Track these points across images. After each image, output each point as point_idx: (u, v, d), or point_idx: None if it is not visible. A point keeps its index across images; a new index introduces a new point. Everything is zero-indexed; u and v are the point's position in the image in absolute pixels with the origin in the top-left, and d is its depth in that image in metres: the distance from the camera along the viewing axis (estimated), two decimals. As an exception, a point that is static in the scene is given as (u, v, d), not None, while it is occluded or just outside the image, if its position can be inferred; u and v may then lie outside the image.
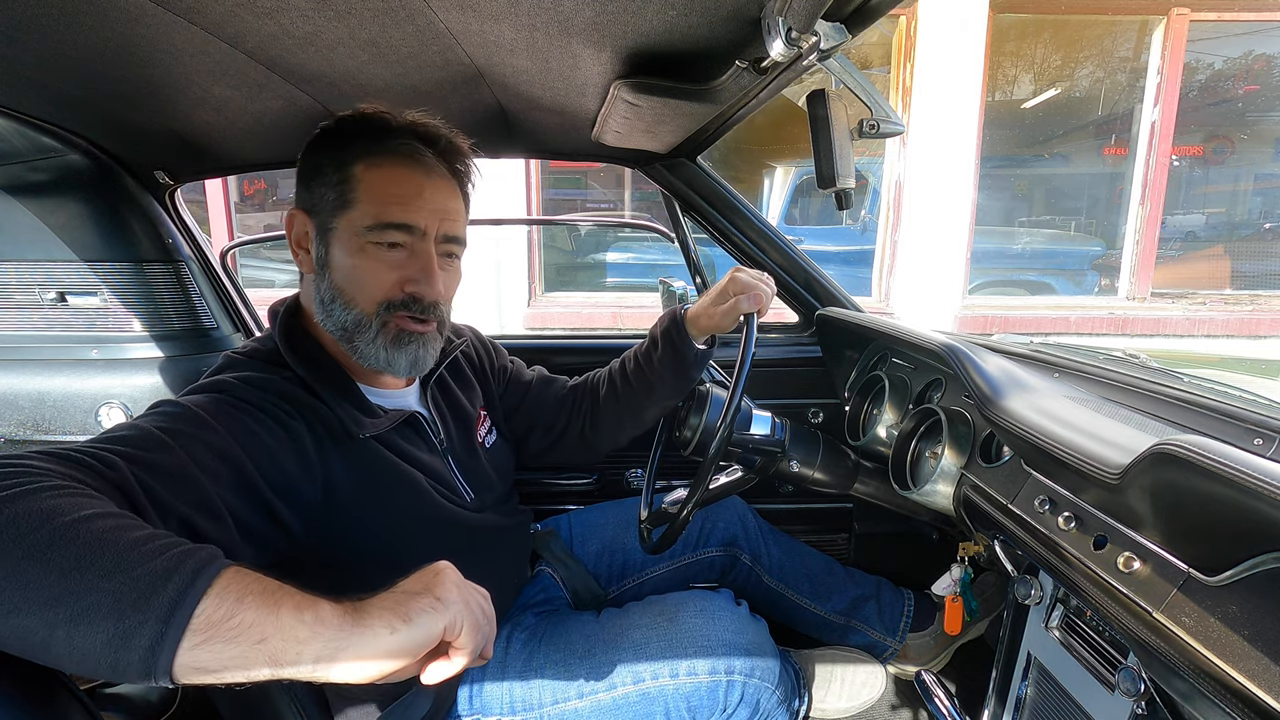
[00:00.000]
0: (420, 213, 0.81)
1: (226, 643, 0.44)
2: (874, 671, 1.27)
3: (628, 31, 0.79)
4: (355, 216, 0.80)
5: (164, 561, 0.46)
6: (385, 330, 0.82)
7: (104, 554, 0.46)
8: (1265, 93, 6.46)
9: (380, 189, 0.80)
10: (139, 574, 0.45)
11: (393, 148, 0.82)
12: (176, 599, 0.44)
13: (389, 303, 0.82)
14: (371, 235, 0.80)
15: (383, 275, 0.81)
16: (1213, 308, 6.05)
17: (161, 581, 0.45)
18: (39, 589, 0.44)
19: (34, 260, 1.44)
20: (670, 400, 1.16)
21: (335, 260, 0.82)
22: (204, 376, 0.80)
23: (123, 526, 0.49)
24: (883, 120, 0.80)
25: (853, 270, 6.19)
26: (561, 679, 0.88)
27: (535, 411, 1.17)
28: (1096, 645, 0.76)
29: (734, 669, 0.88)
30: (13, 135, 1.27)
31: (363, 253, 0.81)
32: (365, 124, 0.83)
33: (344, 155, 0.81)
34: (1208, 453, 0.50)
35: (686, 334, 1.09)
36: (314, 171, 0.83)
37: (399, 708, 0.88)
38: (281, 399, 0.77)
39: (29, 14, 0.75)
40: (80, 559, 0.45)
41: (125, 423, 0.66)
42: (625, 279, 6.63)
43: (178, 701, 1.09)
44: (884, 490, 1.20)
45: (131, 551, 0.46)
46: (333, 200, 0.81)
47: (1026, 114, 6.54)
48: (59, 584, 0.44)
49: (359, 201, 0.80)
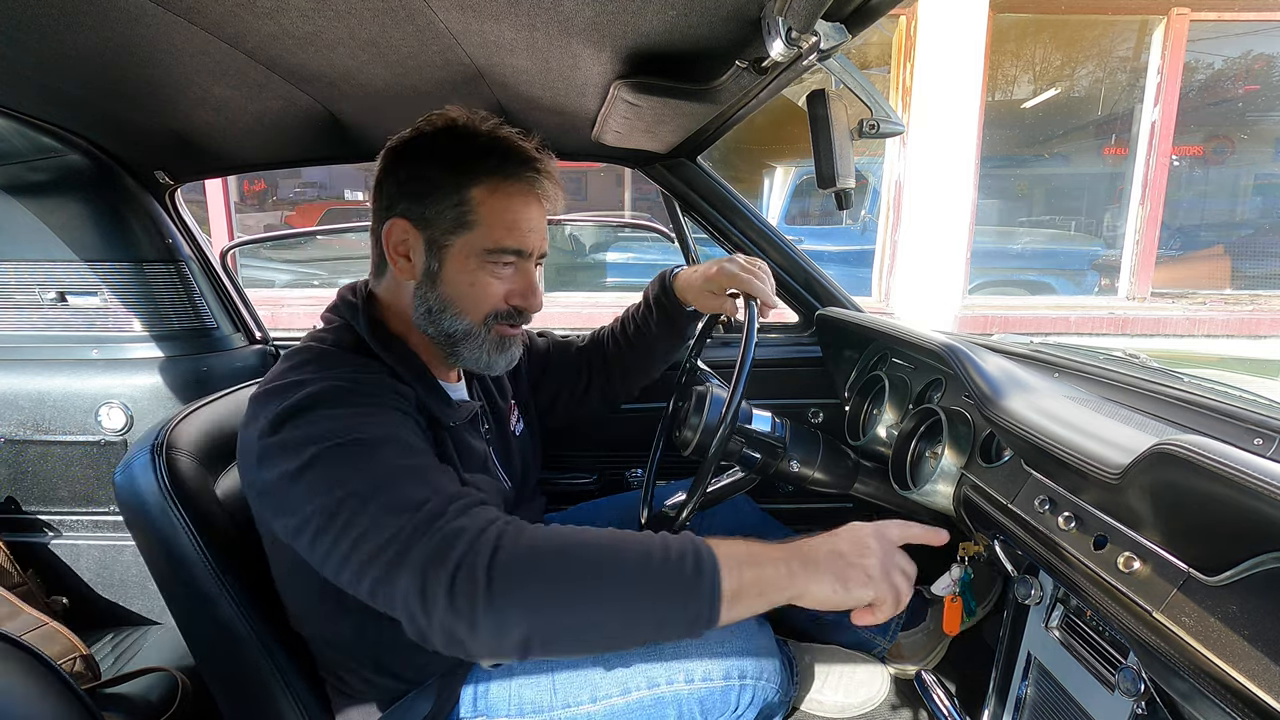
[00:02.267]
0: (531, 238, 0.88)
1: (740, 603, 0.66)
2: (874, 671, 1.27)
3: (628, 31, 0.79)
4: (474, 239, 0.85)
5: (685, 574, 0.64)
6: (491, 337, 0.90)
7: (645, 580, 0.64)
8: (1265, 93, 6.46)
9: (501, 217, 0.85)
10: (682, 587, 0.64)
11: (515, 175, 0.85)
12: (711, 606, 0.64)
13: (496, 313, 0.89)
14: (489, 257, 0.86)
15: (495, 291, 0.88)
16: (1213, 308, 6.05)
17: (695, 588, 0.64)
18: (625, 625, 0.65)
19: (34, 260, 1.44)
20: (671, 353, 1.28)
21: (448, 275, 0.86)
22: (288, 370, 0.80)
23: (618, 546, 0.66)
24: (883, 120, 0.80)
25: (853, 270, 6.19)
26: (574, 682, 0.88)
27: (559, 377, 1.25)
28: (1096, 645, 0.76)
29: (745, 672, 0.89)
30: (13, 135, 1.27)
31: (480, 271, 0.86)
32: (471, 140, 0.85)
33: (463, 177, 0.84)
34: (1208, 452, 0.50)
35: (676, 299, 1.20)
36: (426, 187, 0.84)
37: (400, 708, 0.88)
38: (397, 395, 0.82)
39: (29, 14, 0.75)
40: (636, 595, 0.64)
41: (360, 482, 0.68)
42: (625, 279, 6.63)
43: (178, 701, 1.09)
44: (884, 490, 1.20)
45: (661, 571, 0.65)
46: (451, 219, 0.84)
47: (1026, 114, 6.54)
48: (641, 614, 0.65)
49: (478, 225, 0.84)
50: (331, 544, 0.67)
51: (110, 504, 1.50)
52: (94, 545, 1.51)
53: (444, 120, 0.87)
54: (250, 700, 0.89)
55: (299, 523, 0.69)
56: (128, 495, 0.85)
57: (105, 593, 1.53)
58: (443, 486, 0.71)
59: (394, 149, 0.88)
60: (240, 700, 0.91)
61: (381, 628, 0.85)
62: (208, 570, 0.84)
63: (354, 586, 0.68)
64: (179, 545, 0.84)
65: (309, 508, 0.68)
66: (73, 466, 1.48)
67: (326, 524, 0.67)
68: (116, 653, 1.32)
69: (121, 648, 1.34)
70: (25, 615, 1.17)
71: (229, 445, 0.99)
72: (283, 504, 0.72)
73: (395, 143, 0.88)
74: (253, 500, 0.80)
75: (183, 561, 0.84)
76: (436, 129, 0.86)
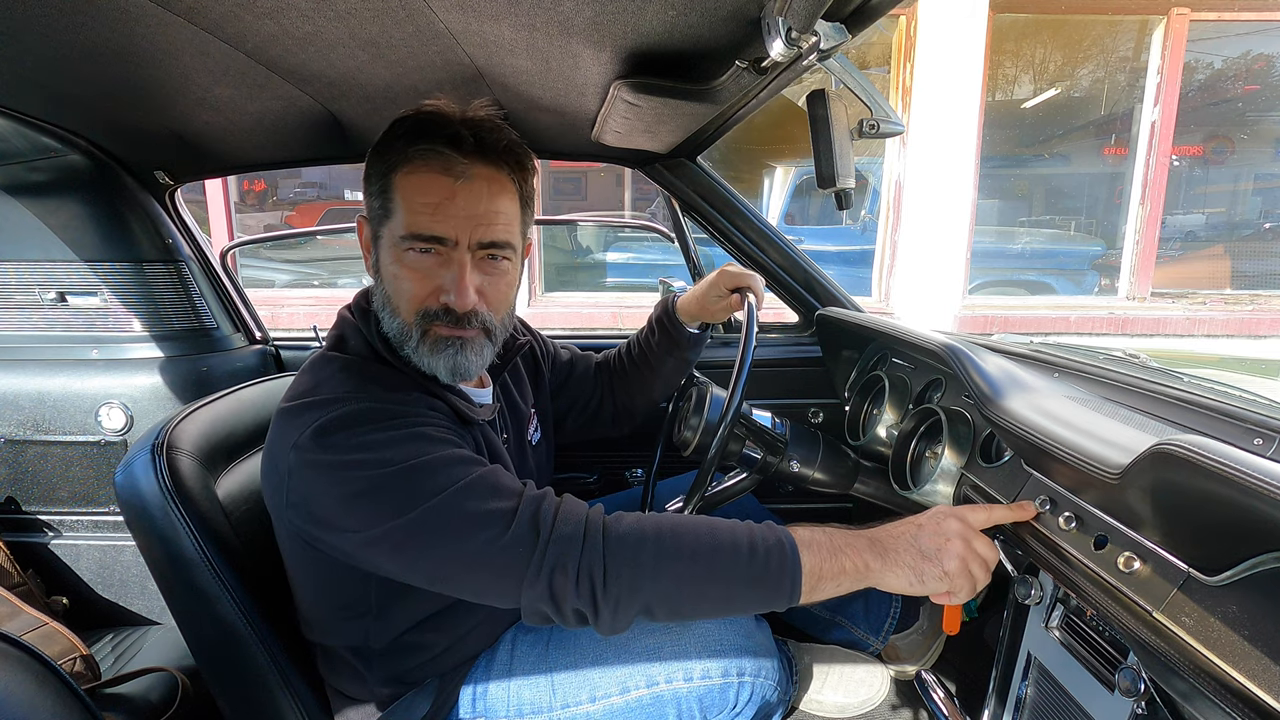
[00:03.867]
0: (448, 222, 0.78)
1: (819, 591, 0.73)
2: (873, 670, 1.27)
3: (628, 31, 0.79)
4: (394, 226, 0.80)
5: (771, 561, 0.73)
6: (425, 338, 0.81)
7: (735, 571, 0.72)
8: (1265, 93, 6.46)
9: (410, 198, 0.78)
10: (767, 579, 0.72)
11: (421, 153, 0.77)
12: (792, 585, 0.72)
13: (425, 311, 0.81)
14: (405, 245, 0.79)
15: (417, 284, 0.80)
16: (1213, 308, 6.05)
17: (779, 581, 0.72)
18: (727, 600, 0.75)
19: (34, 260, 1.45)
20: (675, 374, 1.26)
21: (383, 269, 0.82)
22: (318, 385, 0.79)
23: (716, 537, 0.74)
24: (883, 120, 0.80)
25: (853, 270, 6.20)
26: (572, 682, 0.88)
27: (575, 391, 1.25)
28: (1096, 645, 0.76)
29: (744, 670, 0.89)
30: (13, 135, 1.27)
31: (401, 262, 0.80)
32: (403, 128, 0.80)
33: (384, 163, 0.80)
34: (1208, 452, 0.50)
35: (678, 319, 1.20)
36: (366, 179, 0.83)
37: (399, 708, 0.88)
38: (432, 411, 0.81)
39: (29, 14, 0.75)
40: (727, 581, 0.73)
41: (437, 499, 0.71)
42: (625, 279, 6.63)
43: (178, 701, 1.09)
44: (884, 490, 1.20)
45: (749, 564, 0.72)
46: (378, 209, 0.81)
47: (1026, 114, 6.54)
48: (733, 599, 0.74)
49: (395, 211, 0.79)
50: (416, 560, 0.72)
51: (110, 504, 1.50)
52: (94, 545, 1.51)
53: (404, 112, 0.82)
54: (250, 700, 0.89)
55: (366, 539, 0.72)
56: (128, 495, 0.85)
57: (105, 593, 1.53)
58: (515, 488, 0.76)
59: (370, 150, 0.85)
60: (240, 700, 0.91)
61: (389, 631, 0.85)
62: (208, 570, 0.84)
63: (453, 592, 0.75)
64: (179, 545, 0.84)
65: (379, 528, 0.71)
66: (73, 466, 1.48)
67: (405, 542, 0.71)
68: (116, 653, 1.32)
69: (121, 648, 1.34)
70: (25, 615, 1.17)
71: (229, 445, 0.99)
72: (336, 523, 0.73)
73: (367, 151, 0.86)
74: (280, 512, 0.78)
75: (183, 561, 0.84)
76: (393, 122, 0.82)
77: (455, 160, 0.77)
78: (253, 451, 1.04)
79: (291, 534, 0.80)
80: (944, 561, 0.73)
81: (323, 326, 1.72)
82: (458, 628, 0.90)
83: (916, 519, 0.77)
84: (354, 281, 6.79)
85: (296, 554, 0.84)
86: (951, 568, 0.73)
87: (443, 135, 0.78)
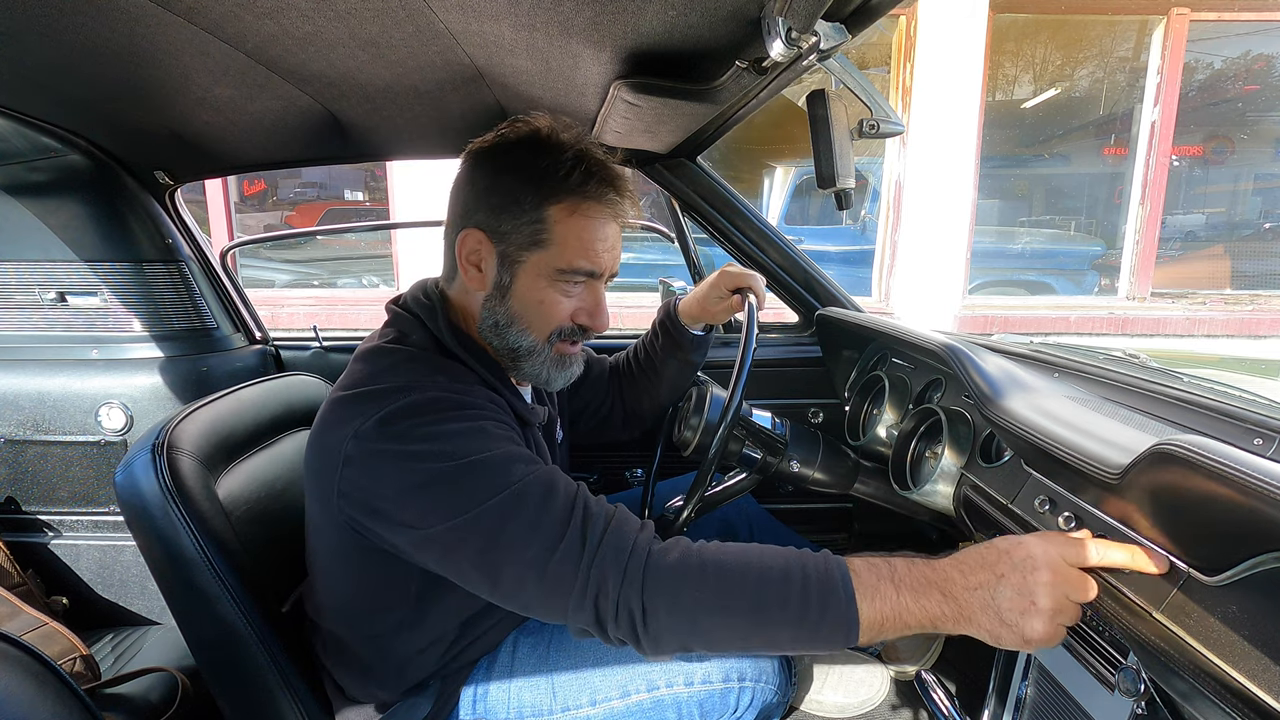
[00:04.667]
0: (605, 259, 0.86)
1: (882, 633, 0.66)
2: (873, 671, 1.27)
3: (628, 31, 0.79)
4: (548, 257, 0.83)
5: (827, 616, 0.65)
6: (553, 354, 0.89)
7: (786, 619, 0.66)
8: (1265, 93, 6.46)
9: (577, 237, 0.83)
10: (822, 630, 0.66)
11: (595, 196, 0.83)
12: (846, 637, 0.65)
13: (560, 330, 0.87)
14: (561, 277, 0.84)
15: (562, 309, 0.86)
16: (1213, 308, 6.05)
17: (831, 629, 0.65)
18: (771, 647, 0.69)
19: (34, 260, 1.45)
20: (680, 378, 1.26)
21: (519, 290, 0.85)
22: (378, 374, 0.80)
23: (764, 582, 0.68)
24: (883, 120, 0.80)
25: (853, 270, 6.19)
26: (573, 685, 0.88)
27: (590, 394, 1.26)
28: (1096, 645, 0.75)
29: (744, 674, 0.89)
30: (13, 135, 1.27)
31: (551, 288, 0.85)
32: (560, 158, 0.82)
33: (543, 194, 0.81)
34: (1208, 452, 0.50)
35: (680, 323, 1.21)
36: (508, 200, 0.82)
37: (399, 709, 0.88)
38: (494, 406, 0.83)
39: (29, 14, 0.75)
40: (779, 627, 0.67)
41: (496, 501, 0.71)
42: (625, 279, 6.61)
43: (178, 701, 1.09)
44: (884, 490, 1.20)
45: (800, 606, 0.66)
46: (526, 235, 0.82)
47: (1026, 114, 6.54)
48: (781, 641, 0.68)
49: (553, 244, 0.82)
50: (469, 563, 0.71)
51: (110, 504, 1.50)
52: (94, 545, 1.51)
53: (528, 129, 0.84)
54: (250, 700, 0.89)
55: (422, 537, 0.72)
56: (128, 495, 0.85)
57: (105, 593, 1.53)
58: (570, 492, 0.74)
59: (474, 154, 0.86)
60: (240, 700, 0.91)
61: (413, 634, 0.86)
62: (208, 570, 0.84)
63: (501, 601, 0.73)
64: (179, 545, 0.84)
65: (436, 527, 0.71)
66: (73, 466, 1.49)
67: (460, 542, 0.71)
68: (116, 653, 1.32)
69: (121, 648, 1.34)
70: (25, 615, 1.17)
71: (230, 445, 0.99)
72: (393, 516, 0.73)
73: (476, 148, 0.86)
74: (329, 501, 0.77)
75: (183, 561, 0.84)
76: (520, 137, 0.84)
77: (621, 208, 0.86)
78: (253, 451, 1.04)
79: (339, 523, 0.78)
80: (1025, 629, 0.59)
81: (323, 326, 1.73)
82: (477, 629, 0.90)
83: (997, 563, 0.62)
84: (354, 281, 6.79)
85: (340, 543, 0.82)
86: (1034, 634, 0.59)
87: (610, 181, 0.84)
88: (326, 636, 0.90)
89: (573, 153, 0.82)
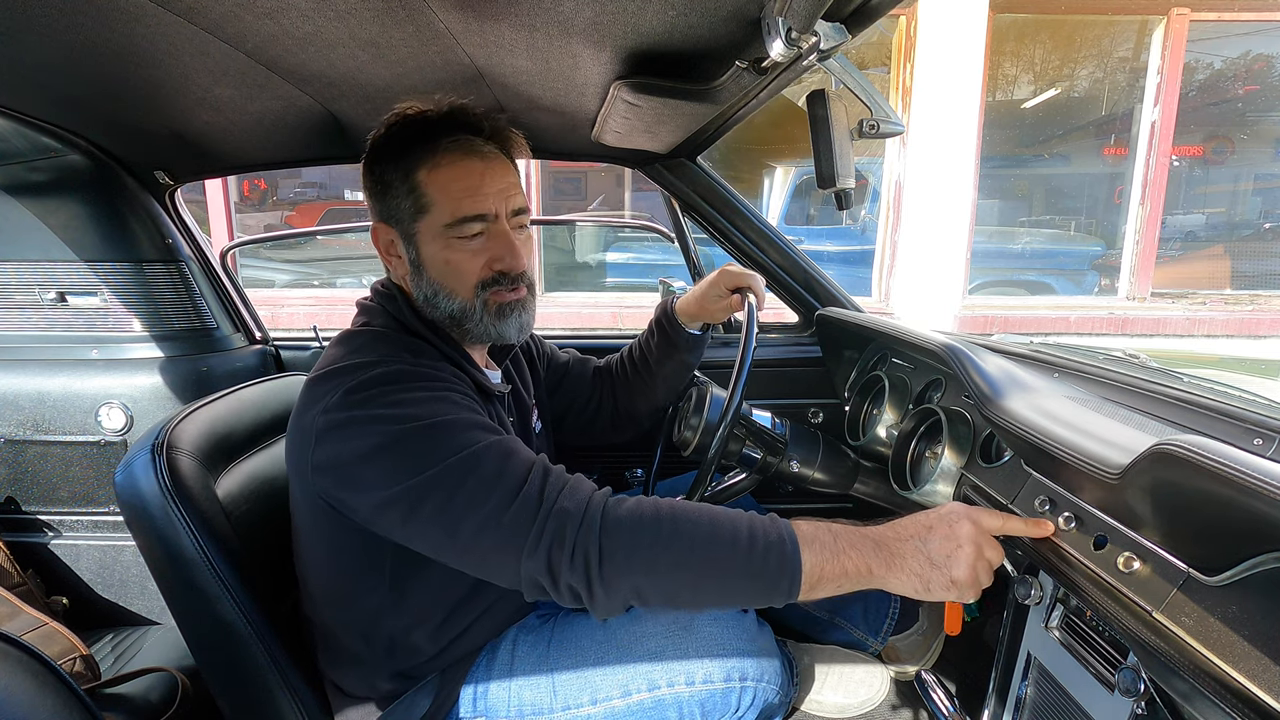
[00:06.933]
0: (488, 199, 0.87)
1: (819, 589, 0.72)
2: (873, 671, 1.26)
3: (628, 31, 0.79)
4: (435, 218, 0.87)
5: (771, 556, 0.71)
6: (487, 308, 0.91)
7: (733, 564, 0.72)
8: (1265, 93, 6.46)
9: (447, 188, 0.86)
10: (765, 574, 0.71)
11: (446, 146, 0.87)
12: (790, 582, 0.71)
13: (482, 283, 0.90)
14: (452, 231, 0.87)
15: (471, 263, 0.89)
16: (1213, 308, 6.05)
17: (776, 579, 0.71)
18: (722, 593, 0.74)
19: (34, 260, 1.45)
20: (676, 377, 1.26)
21: (427, 260, 0.89)
22: (347, 353, 0.84)
23: (715, 527, 0.73)
24: (883, 120, 0.80)
25: (853, 270, 6.20)
26: (574, 684, 0.88)
27: (573, 391, 1.27)
28: (1096, 645, 0.76)
29: (746, 674, 0.89)
30: (13, 135, 1.27)
31: (449, 248, 0.88)
32: (412, 128, 0.88)
33: (405, 164, 0.87)
34: (1208, 453, 0.50)
35: (677, 322, 1.21)
36: (383, 186, 0.89)
37: (399, 707, 0.88)
38: (457, 378, 0.86)
39: (29, 14, 0.75)
40: (724, 573, 0.72)
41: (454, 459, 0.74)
42: (625, 279, 6.63)
43: (178, 701, 1.09)
44: (884, 490, 1.20)
45: (748, 558, 0.71)
46: (409, 209, 0.88)
47: (1026, 114, 6.54)
48: (730, 591, 0.74)
49: (432, 204, 0.87)
50: (429, 520, 0.73)
51: (110, 504, 1.50)
52: (94, 545, 1.51)
53: (394, 117, 0.89)
54: (250, 700, 0.89)
55: (385, 499, 0.74)
56: (128, 495, 0.85)
57: (105, 593, 1.53)
58: (529, 458, 0.78)
59: (363, 163, 0.92)
60: (240, 700, 0.91)
61: (397, 615, 0.86)
62: (208, 570, 0.84)
63: (458, 559, 0.75)
64: (179, 545, 0.84)
65: (399, 485, 0.73)
66: (73, 466, 1.49)
67: (420, 500, 0.73)
68: (116, 653, 1.32)
69: (121, 648, 1.34)
70: (25, 615, 1.17)
71: (229, 445, 0.99)
72: (360, 480, 0.75)
73: (364, 158, 0.92)
74: (305, 478, 0.81)
75: (183, 561, 0.84)
76: (387, 127, 0.89)
77: (478, 145, 0.89)
78: (253, 451, 1.04)
79: (312, 499, 0.82)
80: (952, 569, 0.71)
81: (323, 326, 1.73)
82: (465, 617, 0.90)
83: (926, 519, 0.75)
84: (354, 281, 6.79)
85: (316, 521, 0.85)
86: (960, 575, 0.71)
87: (460, 126, 0.89)
88: (319, 631, 0.91)
89: (419, 118, 0.88)
